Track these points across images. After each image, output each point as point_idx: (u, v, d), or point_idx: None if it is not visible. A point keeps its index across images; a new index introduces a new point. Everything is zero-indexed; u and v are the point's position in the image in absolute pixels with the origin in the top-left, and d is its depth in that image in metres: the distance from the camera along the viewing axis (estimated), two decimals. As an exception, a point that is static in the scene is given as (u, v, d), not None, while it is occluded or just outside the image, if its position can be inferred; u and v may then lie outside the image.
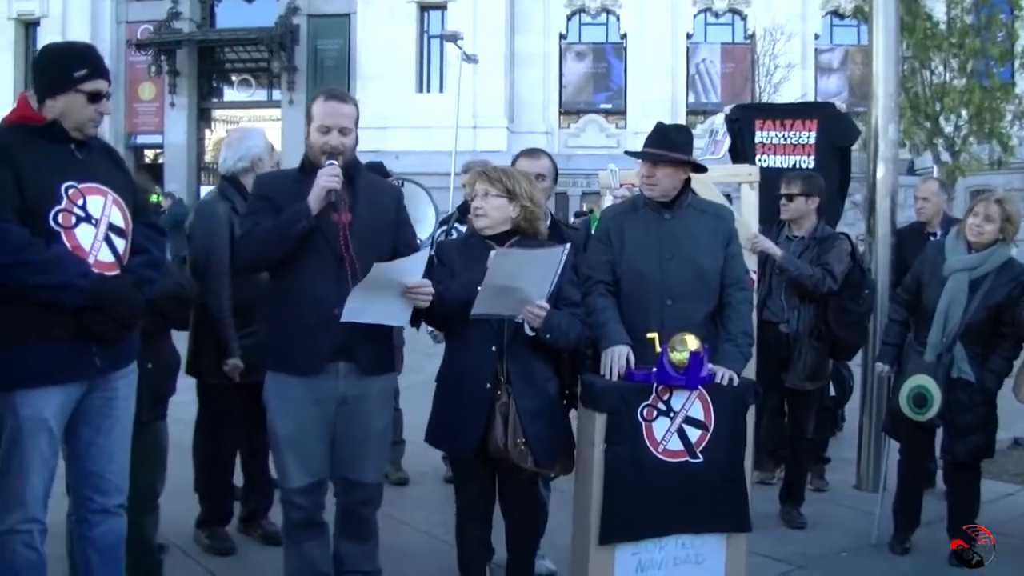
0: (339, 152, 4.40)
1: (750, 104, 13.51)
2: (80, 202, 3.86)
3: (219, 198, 5.71)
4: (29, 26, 40.19)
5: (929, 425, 5.86)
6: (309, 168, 4.44)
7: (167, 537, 5.67)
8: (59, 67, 3.97)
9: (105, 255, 3.91)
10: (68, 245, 3.81)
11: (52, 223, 3.78)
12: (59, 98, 3.91)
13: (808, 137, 7.58)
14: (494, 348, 4.49)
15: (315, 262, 4.37)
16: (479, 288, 4.26)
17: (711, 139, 8.25)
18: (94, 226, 3.89)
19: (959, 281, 5.79)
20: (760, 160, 7.46)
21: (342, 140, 4.45)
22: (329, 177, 4.29)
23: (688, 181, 4.96)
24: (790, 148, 7.60)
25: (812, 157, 7.55)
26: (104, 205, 3.94)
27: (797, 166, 7.45)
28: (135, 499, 4.45)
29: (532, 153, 5.60)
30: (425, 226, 7.56)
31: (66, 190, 3.83)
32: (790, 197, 6.63)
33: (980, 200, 5.97)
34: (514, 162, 5.35)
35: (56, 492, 4.07)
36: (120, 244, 3.99)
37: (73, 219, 3.83)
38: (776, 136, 7.65)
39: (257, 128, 6.33)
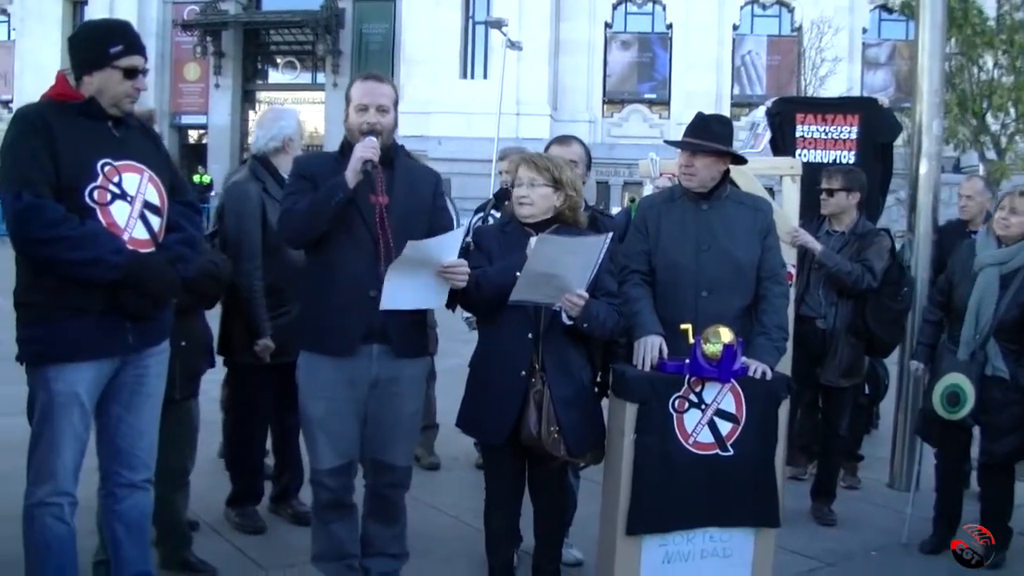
0: (377, 131, 4.39)
1: (792, 97, 13.41)
2: (116, 179, 3.88)
3: (250, 178, 5.71)
4: (77, 5, 40.54)
5: (963, 424, 5.80)
6: (348, 150, 4.42)
7: (197, 514, 5.72)
8: (95, 44, 3.99)
9: (140, 232, 3.93)
10: (103, 222, 3.83)
11: (88, 199, 3.81)
12: (95, 75, 3.93)
13: (850, 132, 7.51)
14: (530, 335, 4.48)
15: (351, 243, 4.36)
16: (518, 274, 4.25)
17: (752, 132, 8.20)
18: (129, 203, 3.91)
19: (989, 276, 5.76)
20: (800, 155, 7.40)
21: (380, 119, 4.44)
22: (365, 148, 4.28)
23: (727, 172, 4.93)
24: (831, 143, 7.54)
25: (853, 152, 7.48)
26: (140, 182, 3.96)
27: (838, 161, 7.38)
28: (166, 476, 4.49)
29: (563, 140, 5.55)
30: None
31: (102, 167, 3.85)
32: (831, 192, 6.56)
33: (1007, 194, 5.95)
34: (546, 149, 5.33)
35: (88, 467, 4.11)
36: (155, 222, 4.01)
37: (108, 196, 3.85)
38: (817, 130, 7.58)
39: (291, 108, 6.32)
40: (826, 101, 8.54)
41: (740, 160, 5.06)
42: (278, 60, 42.40)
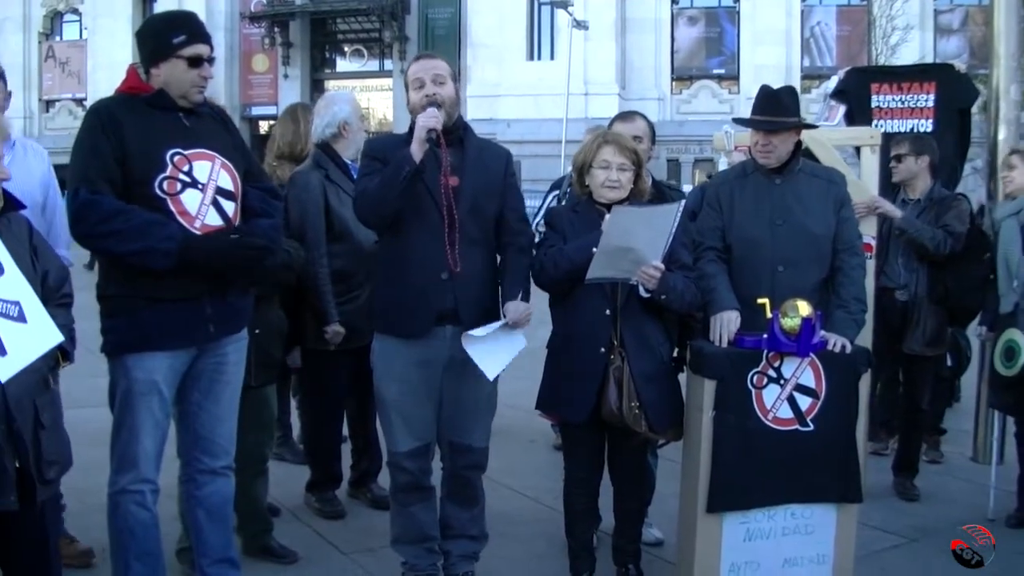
0: (438, 102, 4.37)
1: (865, 68, 13.21)
2: (186, 168, 3.92)
3: (312, 167, 5.73)
4: (146, 2, 41.00)
5: (1022, 376, 5.70)
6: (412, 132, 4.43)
7: (278, 500, 5.78)
8: (158, 36, 4.04)
9: (212, 219, 3.96)
10: (174, 211, 3.87)
11: (158, 190, 3.85)
12: (162, 66, 3.97)
13: (927, 100, 7.39)
14: (608, 312, 4.47)
15: (421, 225, 4.37)
16: (594, 251, 4.23)
17: (826, 104, 8.09)
18: (200, 191, 3.94)
19: (1009, 227, 5.95)
20: (878, 125, 7.30)
21: (438, 89, 4.41)
22: (427, 117, 4.26)
23: (799, 145, 4.87)
24: (908, 112, 7.43)
25: (931, 120, 7.36)
26: (212, 169, 3.99)
27: (915, 130, 7.27)
28: (244, 462, 4.54)
29: (627, 116, 5.52)
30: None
31: (171, 157, 3.89)
32: (899, 158, 6.52)
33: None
34: (609, 126, 5.29)
35: (169, 454, 4.17)
36: (229, 207, 4.04)
37: (179, 185, 3.89)
38: (894, 100, 7.48)
39: (344, 92, 6.37)
40: (901, 69, 8.40)
41: (810, 127, 5.01)
42: (345, 48, 42.60)
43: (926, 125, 7.35)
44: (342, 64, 42.75)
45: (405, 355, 4.44)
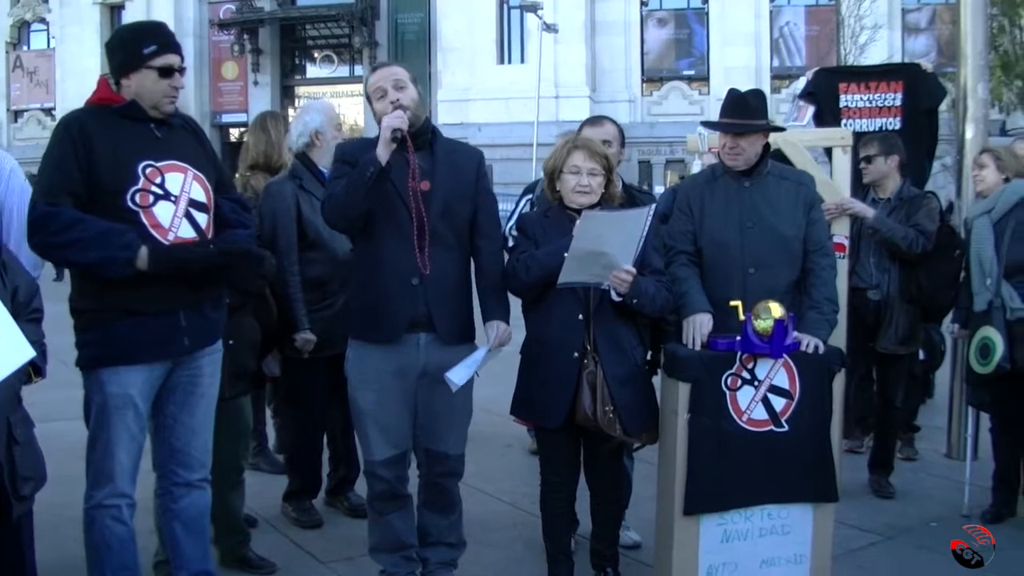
0: (403, 106, 4.35)
1: (833, 68, 13.26)
2: (158, 180, 3.90)
3: (286, 177, 5.75)
4: (114, 9, 40.88)
5: (997, 374, 5.75)
6: None
7: (254, 510, 5.75)
8: (129, 46, 4.02)
9: (186, 231, 3.95)
10: (147, 223, 3.85)
11: (130, 203, 3.83)
12: (132, 77, 3.95)
13: (894, 99, 7.43)
14: (580, 317, 4.48)
15: (393, 231, 4.35)
16: (565, 255, 4.24)
17: (795, 104, 8.12)
18: (173, 203, 3.93)
19: (981, 225, 5.98)
20: (846, 124, 7.33)
21: (399, 94, 4.40)
22: (391, 118, 4.24)
23: (767, 147, 4.90)
24: (876, 111, 7.46)
25: (899, 119, 7.40)
26: (184, 181, 3.98)
27: (883, 128, 7.30)
28: (220, 473, 4.52)
29: (596, 121, 5.53)
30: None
31: (143, 169, 3.87)
32: (869, 159, 6.56)
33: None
34: (579, 131, 5.30)
35: (145, 467, 4.15)
36: (202, 219, 4.03)
37: (151, 198, 3.87)
38: (861, 99, 7.50)
39: (319, 101, 6.33)
40: (868, 69, 8.43)
41: (778, 129, 5.03)
42: (315, 55, 42.53)
43: (894, 123, 7.38)
44: (312, 70, 42.68)
45: (379, 363, 4.43)
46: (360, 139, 4.99)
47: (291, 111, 40.36)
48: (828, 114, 7.51)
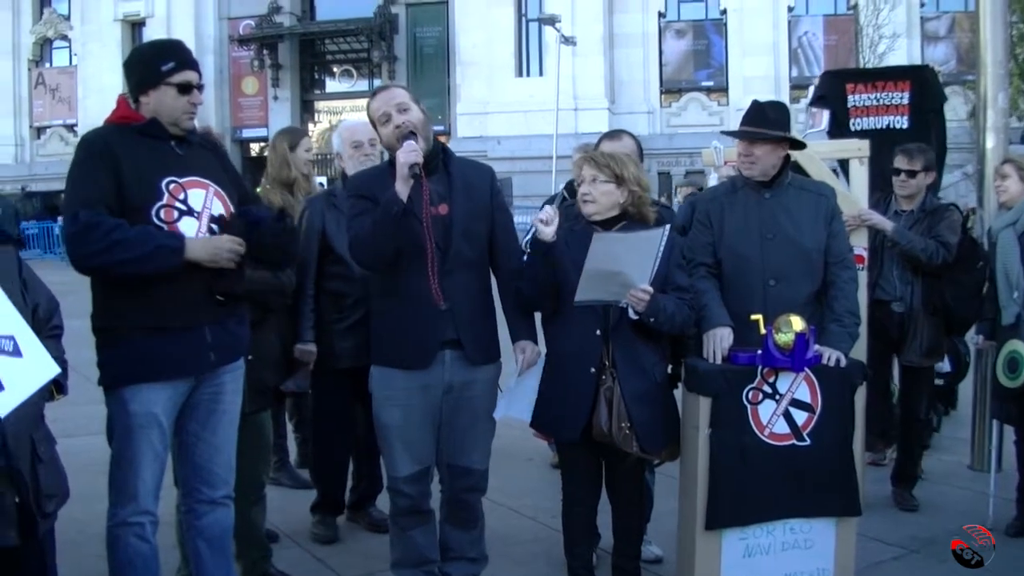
0: (412, 131, 4.36)
1: (839, 70, 13.21)
2: (181, 196, 3.93)
3: (323, 193, 5.90)
4: (135, 27, 41.15)
5: None
6: (395, 162, 4.40)
7: (276, 525, 5.76)
8: (147, 64, 4.05)
9: None
10: None
11: (155, 219, 3.86)
12: (151, 94, 3.99)
13: (901, 98, 7.36)
14: (598, 332, 4.46)
15: (416, 256, 4.35)
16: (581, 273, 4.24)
17: (808, 112, 8.11)
18: (196, 218, 3.95)
19: (1006, 238, 5.90)
20: (853, 123, 7.30)
21: (405, 117, 4.40)
22: (407, 153, 4.22)
23: (787, 159, 4.89)
24: (883, 108, 7.38)
25: (906, 117, 7.33)
26: (206, 197, 4.00)
27: (891, 126, 7.23)
28: (242, 489, 4.52)
29: (613, 135, 5.51)
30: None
31: (167, 185, 3.90)
32: (912, 174, 6.44)
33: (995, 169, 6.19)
34: (596, 146, 5.30)
35: (166, 482, 4.16)
36: None
37: (175, 213, 3.90)
38: (868, 98, 7.45)
39: (342, 122, 6.39)
40: (873, 70, 8.40)
41: (799, 145, 5.02)
42: (335, 69, 42.70)
43: (901, 122, 7.31)
44: (331, 85, 42.86)
45: (405, 381, 4.42)
46: (371, 169, 4.99)
47: (311, 126, 40.61)
48: (840, 115, 7.47)
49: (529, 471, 7.32)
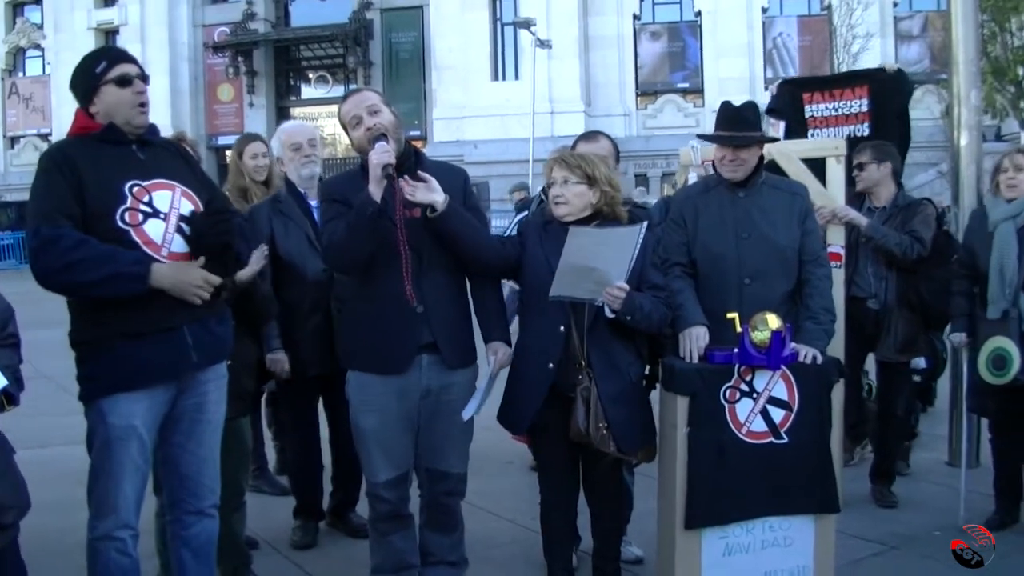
0: (383, 131, 4.34)
1: (795, 79, 13.11)
2: (146, 199, 3.88)
3: (268, 200, 5.83)
4: (109, 35, 41.03)
5: (1014, 387, 5.68)
6: (367, 166, 4.37)
7: (256, 532, 5.74)
8: (83, 74, 4.02)
9: (179, 246, 3.92)
10: (139, 241, 3.82)
11: (120, 222, 3.81)
12: (96, 100, 3.95)
13: (860, 105, 7.30)
14: (562, 328, 4.46)
15: (390, 259, 4.34)
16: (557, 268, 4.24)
17: (765, 122, 8.08)
18: (163, 219, 3.90)
19: (1006, 231, 5.75)
20: (812, 134, 7.24)
21: (376, 119, 4.39)
22: (379, 154, 4.20)
23: (761, 158, 4.90)
24: (842, 119, 7.31)
25: (867, 124, 7.28)
26: (172, 198, 3.95)
27: (853, 135, 7.19)
28: (223, 496, 4.48)
29: (590, 137, 5.47)
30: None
31: (130, 189, 3.86)
32: (861, 166, 6.52)
33: (1006, 155, 5.96)
34: (573, 147, 5.30)
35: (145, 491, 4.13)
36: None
37: (140, 216, 3.85)
38: (827, 108, 7.38)
39: (281, 126, 6.38)
40: (830, 78, 8.33)
41: (772, 140, 5.04)
42: (310, 75, 42.66)
43: (863, 130, 7.23)
44: (307, 91, 42.81)
45: (382, 386, 4.41)
46: (343, 174, 4.98)
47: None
48: (796, 127, 7.39)
49: (508, 474, 7.31)
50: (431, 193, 4.28)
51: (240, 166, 6.33)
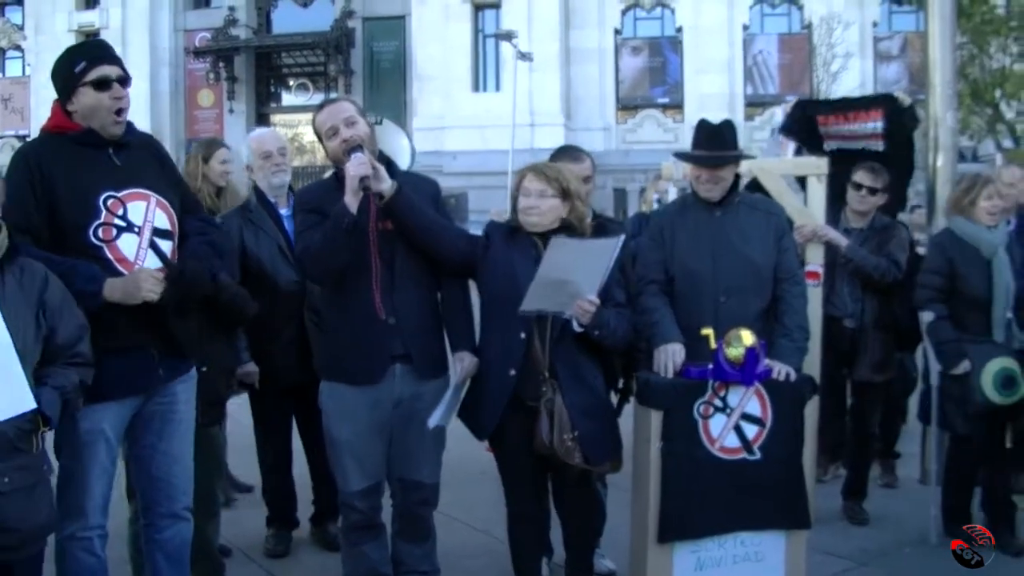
0: (359, 143, 4.35)
1: (809, 101, 13.10)
2: (120, 212, 3.86)
3: (237, 209, 5.80)
4: (89, 38, 40.69)
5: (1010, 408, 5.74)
6: (342, 176, 4.38)
7: (229, 540, 5.73)
8: (62, 70, 4.00)
9: (152, 262, 3.92)
10: (112, 258, 3.83)
11: (93, 238, 3.81)
12: (74, 99, 3.93)
13: (875, 127, 7.32)
14: (523, 335, 4.45)
15: (363, 271, 4.36)
16: (532, 281, 4.24)
17: (774, 138, 8.09)
18: (137, 234, 3.89)
19: (1005, 258, 5.82)
20: (827, 145, 7.22)
21: (352, 131, 4.40)
22: (356, 166, 4.22)
23: (738, 177, 4.94)
24: (857, 136, 7.35)
25: (881, 142, 7.29)
26: (147, 209, 3.94)
27: (866, 150, 7.17)
28: (196, 503, 4.48)
29: (574, 155, 5.43)
30: (402, 158, 7.35)
31: (105, 202, 3.84)
32: (873, 191, 6.52)
33: (980, 182, 6.04)
34: (553, 159, 5.30)
35: (115, 496, 4.12)
36: (166, 246, 4.00)
37: (114, 231, 3.84)
38: (842, 128, 7.41)
39: (253, 131, 6.35)
40: (844, 101, 8.31)
41: (748, 157, 5.07)
42: (291, 82, 42.54)
43: (877, 145, 7.24)
44: (287, 98, 42.67)
45: (355, 396, 4.43)
46: (317, 183, 4.99)
47: (264, 139, 40.25)
48: (810, 147, 7.39)
49: (481, 485, 7.28)
50: (379, 182, 4.31)
51: (204, 170, 6.27)
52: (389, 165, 4.58)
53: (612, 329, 4.42)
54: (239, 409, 5.91)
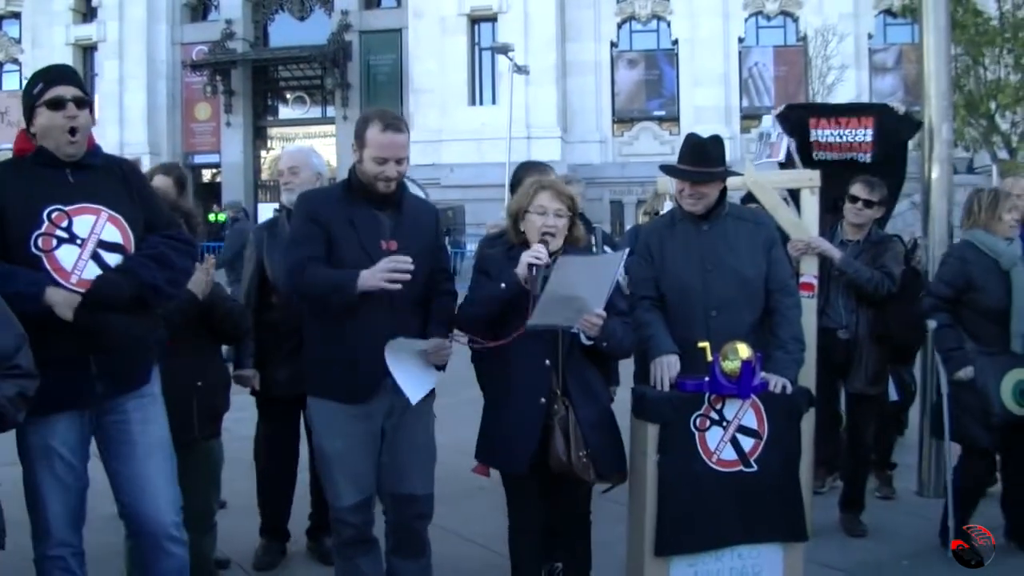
0: (393, 189, 4.38)
1: (802, 104, 13.19)
2: (64, 223, 3.82)
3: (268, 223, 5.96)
4: (87, 51, 40.92)
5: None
6: (358, 188, 4.37)
7: (226, 552, 5.71)
8: (25, 93, 4.02)
9: (91, 272, 3.82)
10: (49, 268, 3.77)
11: (33, 248, 3.77)
12: (35, 122, 3.94)
13: (864, 135, 7.35)
14: (548, 362, 4.43)
15: (368, 294, 4.26)
16: (538, 298, 4.20)
17: (764, 142, 8.10)
18: (79, 246, 3.83)
19: (1020, 272, 5.80)
20: (816, 155, 7.27)
21: (398, 169, 4.36)
22: (386, 272, 4.18)
23: (724, 191, 4.95)
24: (846, 146, 7.38)
25: (869, 153, 7.32)
26: (95, 223, 3.88)
27: (854, 160, 7.22)
28: (191, 519, 4.43)
29: (543, 170, 5.44)
30: None
31: (49, 214, 3.81)
32: (869, 204, 6.52)
33: (1004, 198, 6.05)
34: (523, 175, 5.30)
35: (106, 514, 4.09)
36: (114, 259, 3.90)
37: (54, 241, 3.80)
38: (832, 135, 7.42)
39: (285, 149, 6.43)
40: (837, 106, 8.36)
41: (735, 174, 5.08)
42: (287, 96, 42.65)
43: (865, 157, 7.28)
44: (284, 111, 42.80)
45: (347, 412, 4.40)
46: (322, 191, 4.99)
47: (263, 152, 40.46)
48: (800, 146, 7.42)
49: (479, 498, 7.28)
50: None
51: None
52: (401, 189, 4.51)
53: (619, 339, 4.43)
54: (231, 423, 5.89)
